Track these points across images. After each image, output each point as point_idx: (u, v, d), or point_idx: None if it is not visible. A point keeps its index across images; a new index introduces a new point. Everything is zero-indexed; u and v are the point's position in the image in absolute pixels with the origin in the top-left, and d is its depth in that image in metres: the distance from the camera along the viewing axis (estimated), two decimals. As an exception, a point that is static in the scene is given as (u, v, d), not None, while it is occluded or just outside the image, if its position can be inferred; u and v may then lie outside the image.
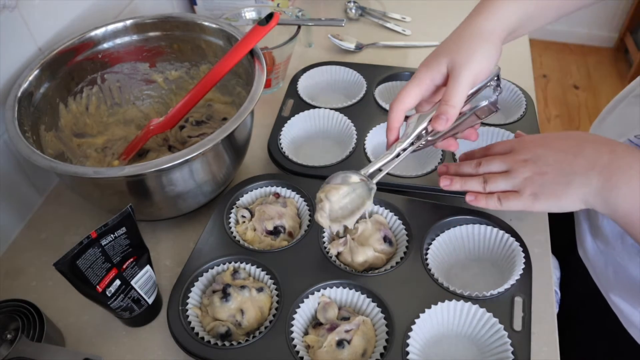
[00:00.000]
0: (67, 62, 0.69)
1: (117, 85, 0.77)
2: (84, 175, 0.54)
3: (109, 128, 0.77)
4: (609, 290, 0.68)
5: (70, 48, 0.69)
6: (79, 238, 0.47)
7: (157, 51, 0.77)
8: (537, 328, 0.56)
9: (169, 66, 0.79)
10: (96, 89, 0.75)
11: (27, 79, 0.64)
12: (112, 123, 0.78)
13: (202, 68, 0.78)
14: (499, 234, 0.61)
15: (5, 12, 0.62)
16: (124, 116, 0.79)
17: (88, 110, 0.75)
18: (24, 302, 0.55)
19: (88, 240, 0.48)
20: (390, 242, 0.62)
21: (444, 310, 0.55)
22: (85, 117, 0.74)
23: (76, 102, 0.72)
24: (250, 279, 0.60)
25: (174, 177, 0.59)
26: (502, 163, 0.55)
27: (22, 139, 0.57)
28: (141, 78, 0.79)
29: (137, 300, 0.56)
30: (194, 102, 0.69)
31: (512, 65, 0.96)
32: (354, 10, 1.11)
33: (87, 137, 0.74)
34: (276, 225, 0.64)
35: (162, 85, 0.80)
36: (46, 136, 0.66)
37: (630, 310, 0.65)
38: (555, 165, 0.48)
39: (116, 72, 0.76)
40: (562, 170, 0.48)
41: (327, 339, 0.53)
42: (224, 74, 0.68)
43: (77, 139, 0.72)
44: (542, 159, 0.49)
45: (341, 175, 0.58)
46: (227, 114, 0.80)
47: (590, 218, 0.70)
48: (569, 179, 0.48)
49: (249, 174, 0.73)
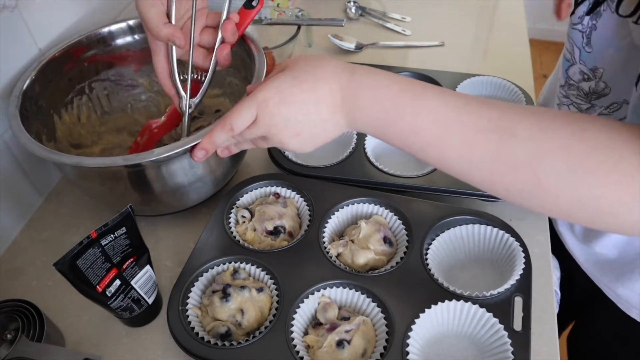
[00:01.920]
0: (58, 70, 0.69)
1: (104, 93, 0.77)
2: (88, 165, 0.55)
3: (103, 137, 0.77)
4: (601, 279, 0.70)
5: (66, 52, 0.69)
6: (79, 238, 0.47)
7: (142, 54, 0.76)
8: (537, 328, 0.56)
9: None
10: (85, 98, 0.75)
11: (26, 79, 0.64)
12: (104, 132, 0.77)
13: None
14: (499, 234, 0.61)
15: (5, 12, 0.62)
16: (115, 124, 0.79)
17: (80, 120, 0.75)
18: (24, 302, 0.55)
19: (88, 240, 0.48)
20: (390, 243, 0.62)
21: (444, 311, 0.55)
22: (79, 127, 0.74)
23: (68, 113, 0.72)
24: (250, 279, 0.60)
25: (174, 168, 0.59)
26: (257, 132, 0.52)
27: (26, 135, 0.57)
28: (127, 83, 0.79)
29: (137, 300, 0.56)
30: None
31: (512, 65, 0.96)
32: (354, 10, 1.11)
33: (83, 148, 0.74)
34: (276, 225, 0.64)
35: (148, 87, 0.80)
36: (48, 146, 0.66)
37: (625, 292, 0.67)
38: (306, 121, 0.49)
39: (102, 80, 0.76)
40: (313, 122, 0.50)
41: (327, 339, 0.53)
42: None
43: (74, 150, 0.72)
44: (291, 119, 0.49)
45: None
46: (220, 106, 0.80)
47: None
48: (323, 126, 0.50)
49: (249, 173, 0.73)
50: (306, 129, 0.50)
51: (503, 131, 0.43)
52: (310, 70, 0.49)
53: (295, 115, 0.49)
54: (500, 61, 0.98)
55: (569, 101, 0.67)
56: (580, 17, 0.59)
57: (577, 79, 0.64)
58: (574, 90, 0.65)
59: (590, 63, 0.60)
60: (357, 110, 0.48)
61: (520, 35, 1.06)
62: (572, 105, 0.67)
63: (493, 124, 0.43)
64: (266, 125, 0.50)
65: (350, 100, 0.48)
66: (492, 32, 1.09)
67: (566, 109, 0.68)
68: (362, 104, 0.48)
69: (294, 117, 0.49)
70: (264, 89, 0.49)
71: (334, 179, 0.69)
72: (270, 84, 0.49)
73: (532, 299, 0.56)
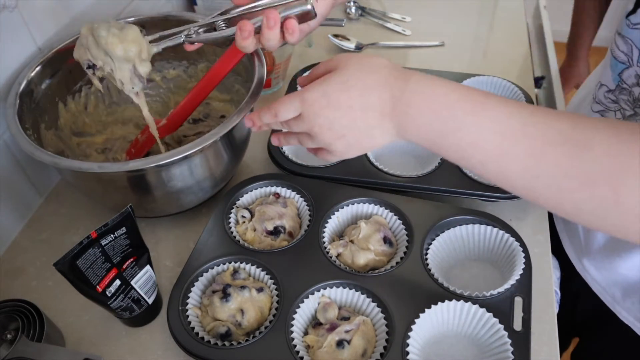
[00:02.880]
0: (66, 60, 0.69)
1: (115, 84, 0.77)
2: (88, 171, 0.55)
3: (108, 127, 0.77)
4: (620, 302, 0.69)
5: (70, 46, 0.69)
6: (79, 238, 0.47)
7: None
8: (537, 328, 0.56)
9: (167, 65, 0.79)
10: (94, 88, 0.75)
11: (28, 75, 0.64)
12: (110, 122, 0.78)
13: (200, 66, 0.79)
14: (499, 234, 0.61)
15: (5, 12, 0.62)
16: (122, 115, 0.79)
17: (87, 109, 0.75)
18: (24, 302, 0.54)
19: (88, 240, 0.48)
20: (390, 243, 0.62)
21: (444, 311, 0.55)
22: (84, 116, 0.74)
23: (75, 101, 0.73)
24: (250, 279, 0.60)
25: (173, 172, 0.59)
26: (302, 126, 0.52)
27: (24, 137, 0.57)
28: None
29: (137, 300, 0.56)
30: (197, 103, 0.69)
31: (512, 65, 0.96)
32: (354, 10, 1.11)
33: (86, 136, 0.74)
34: (276, 225, 0.64)
35: (160, 84, 0.81)
36: (46, 135, 0.66)
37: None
38: (351, 126, 0.48)
39: None
40: (359, 127, 0.48)
41: (327, 339, 0.53)
42: (226, 74, 0.68)
43: (76, 138, 0.73)
44: (336, 123, 0.48)
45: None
46: (226, 112, 0.80)
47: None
48: (370, 133, 0.49)
49: (249, 173, 0.73)
50: (351, 133, 0.49)
51: (576, 144, 0.39)
52: (361, 76, 0.47)
53: (340, 119, 0.48)
54: (500, 61, 0.98)
55: (617, 107, 0.64)
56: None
57: (631, 83, 0.60)
58: (625, 95, 0.62)
59: None
60: (410, 119, 0.46)
61: (520, 35, 1.06)
62: (619, 112, 0.64)
63: (564, 137, 0.40)
64: (310, 123, 0.49)
65: (402, 109, 0.46)
66: (492, 32, 1.09)
67: (612, 115, 0.65)
68: (415, 113, 0.46)
69: (339, 121, 0.48)
70: (312, 90, 0.48)
71: (334, 179, 0.69)
72: (319, 87, 0.48)
73: (532, 299, 0.56)
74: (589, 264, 0.72)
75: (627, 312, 0.68)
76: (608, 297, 0.70)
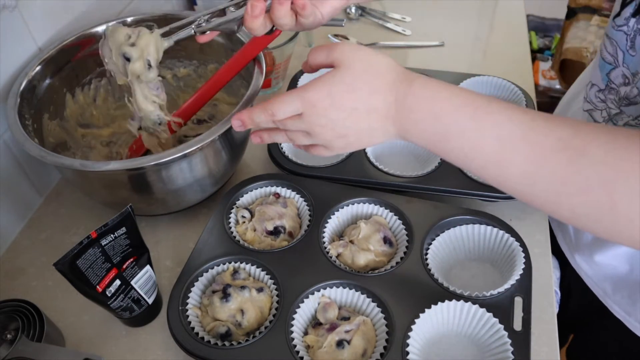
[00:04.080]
0: (71, 57, 0.70)
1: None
2: (86, 169, 0.55)
3: (115, 120, 0.78)
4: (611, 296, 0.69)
5: (75, 43, 0.70)
6: (79, 238, 0.47)
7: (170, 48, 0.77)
8: (537, 328, 0.56)
9: (177, 63, 0.80)
10: (105, 81, 0.76)
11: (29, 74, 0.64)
12: (118, 116, 0.78)
13: (210, 67, 0.79)
14: (499, 234, 0.61)
15: (5, 12, 0.62)
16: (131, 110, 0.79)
17: (95, 101, 0.76)
18: (24, 302, 0.54)
19: (88, 240, 0.48)
20: (390, 243, 0.62)
21: (444, 311, 0.55)
22: (92, 108, 0.75)
23: (84, 93, 0.74)
24: (250, 279, 0.60)
25: (172, 171, 0.60)
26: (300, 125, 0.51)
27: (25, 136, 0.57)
28: None
29: (137, 300, 0.56)
30: (201, 103, 0.69)
31: (512, 65, 0.96)
32: (354, 10, 1.11)
33: (92, 128, 0.75)
34: (276, 225, 0.64)
35: (171, 81, 0.81)
36: (49, 125, 0.67)
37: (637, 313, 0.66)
38: (354, 127, 0.49)
39: None
40: (362, 128, 0.49)
41: (327, 339, 0.53)
42: (231, 77, 0.68)
43: (81, 129, 0.73)
44: (339, 124, 0.48)
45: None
46: None
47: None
48: (371, 133, 0.49)
49: (249, 173, 0.73)
50: (353, 133, 0.49)
51: (574, 150, 0.40)
52: (368, 79, 0.47)
53: (344, 120, 0.48)
54: (500, 61, 0.98)
55: (605, 105, 0.65)
56: (626, 18, 0.57)
57: (618, 83, 0.61)
58: (613, 95, 0.63)
59: (633, 67, 0.58)
60: (412, 123, 0.47)
61: (520, 35, 1.06)
62: (605, 111, 0.65)
63: (563, 143, 0.41)
64: (312, 123, 0.49)
65: (404, 113, 0.47)
66: (492, 32, 1.09)
67: (599, 114, 0.66)
68: (418, 117, 0.46)
69: (343, 122, 0.48)
70: (315, 89, 0.48)
71: (334, 179, 0.69)
72: (322, 86, 0.47)
73: (532, 299, 0.56)
74: (580, 259, 0.72)
75: (618, 306, 0.68)
76: (600, 291, 0.71)
